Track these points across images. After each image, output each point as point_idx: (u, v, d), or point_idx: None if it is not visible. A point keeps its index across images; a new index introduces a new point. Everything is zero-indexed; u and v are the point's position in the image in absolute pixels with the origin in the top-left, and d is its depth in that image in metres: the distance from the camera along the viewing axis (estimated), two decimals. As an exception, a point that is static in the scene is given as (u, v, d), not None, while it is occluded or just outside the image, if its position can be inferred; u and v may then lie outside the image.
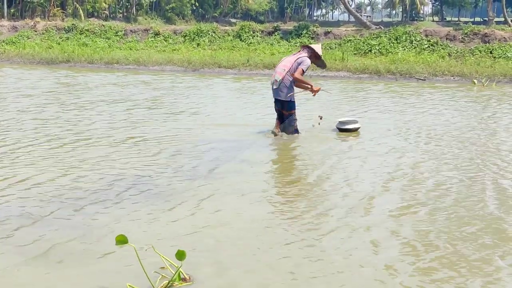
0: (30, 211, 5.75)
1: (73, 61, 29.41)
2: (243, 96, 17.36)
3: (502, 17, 46.72)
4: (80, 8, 63.46)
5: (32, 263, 4.53)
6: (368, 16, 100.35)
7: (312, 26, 34.30)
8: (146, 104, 14.44)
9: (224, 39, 34.46)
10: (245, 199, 6.45)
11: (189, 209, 5.98)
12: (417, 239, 5.18)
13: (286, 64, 10.23)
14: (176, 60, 28.39)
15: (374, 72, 24.60)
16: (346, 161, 8.48)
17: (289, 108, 10.20)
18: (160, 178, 7.21)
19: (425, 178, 7.45)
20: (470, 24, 34.14)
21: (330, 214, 5.92)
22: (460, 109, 14.54)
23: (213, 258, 4.69)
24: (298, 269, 4.53)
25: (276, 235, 5.27)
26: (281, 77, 10.10)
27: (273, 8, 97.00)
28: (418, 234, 5.32)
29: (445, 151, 9.13)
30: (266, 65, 26.33)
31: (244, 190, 6.81)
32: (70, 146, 9.03)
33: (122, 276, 4.29)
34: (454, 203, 6.34)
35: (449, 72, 24.04)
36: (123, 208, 5.96)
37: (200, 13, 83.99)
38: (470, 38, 29.18)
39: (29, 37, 37.13)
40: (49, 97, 15.36)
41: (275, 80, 10.22)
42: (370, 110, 14.04)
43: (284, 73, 10.11)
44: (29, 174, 7.18)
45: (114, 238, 4.12)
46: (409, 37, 30.07)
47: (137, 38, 35.89)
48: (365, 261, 4.69)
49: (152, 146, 9.24)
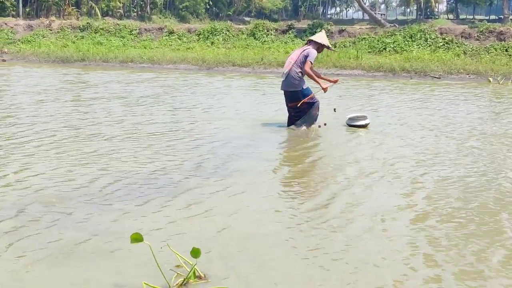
0: (44, 210, 5.76)
1: (88, 60, 29.54)
2: (256, 93, 17.34)
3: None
4: (96, 7, 63.74)
5: (47, 262, 4.54)
6: (382, 14, 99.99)
7: (326, 24, 34.24)
8: (159, 100, 14.46)
9: (238, 37, 34.47)
10: (262, 196, 6.42)
11: (204, 206, 5.96)
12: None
13: (293, 57, 10.50)
14: (190, 58, 28.44)
15: (389, 70, 24.53)
16: (365, 156, 8.46)
17: (303, 95, 10.37)
18: (175, 175, 7.21)
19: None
20: (485, 22, 33.86)
21: (354, 213, 5.90)
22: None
23: (229, 256, 4.68)
24: (316, 268, 4.52)
25: (294, 234, 5.24)
26: (287, 69, 10.38)
27: (287, 6, 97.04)
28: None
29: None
30: (280, 63, 26.27)
31: (261, 187, 6.81)
32: (84, 142, 9.04)
33: (138, 274, 4.30)
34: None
35: (464, 70, 23.93)
36: (138, 205, 5.96)
37: (214, 11, 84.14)
38: (486, 36, 29.00)
39: (44, 36, 37.30)
40: (65, 93, 15.43)
41: (283, 73, 10.55)
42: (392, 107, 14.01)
43: (290, 65, 10.37)
44: (41, 172, 7.19)
45: (129, 236, 4.13)
46: (424, 35, 29.93)
47: (152, 36, 35.98)
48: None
49: (166, 142, 9.25)
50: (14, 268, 4.40)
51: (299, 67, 10.29)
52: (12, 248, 4.78)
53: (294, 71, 10.32)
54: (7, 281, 4.22)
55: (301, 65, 10.28)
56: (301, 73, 10.31)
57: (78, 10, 63.98)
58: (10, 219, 5.45)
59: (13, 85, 18.42)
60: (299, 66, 10.29)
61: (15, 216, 5.54)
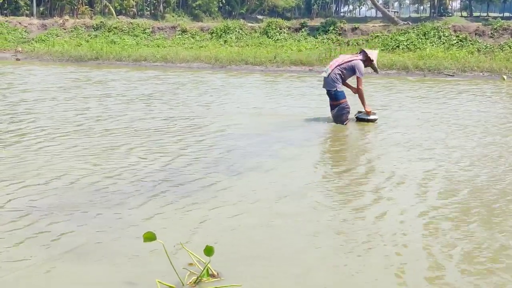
0: (57, 207, 5.79)
1: (102, 59, 29.64)
2: (270, 90, 17.34)
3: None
4: (110, 6, 63.99)
5: (60, 259, 4.57)
6: (395, 12, 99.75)
7: (339, 22, 34.13)
8: (174, 97, 14.50)
9: (251, 35, 34.47)
10: (277, 195, 6.39)
11: (218, 204, 5.97)
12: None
13: (339, 60, 11.13)
14: (204, 57, 28.48)
15: (402, 68, 24.44)
16: (385, 154, 8.47)
17: (336, 98, 10.91)
18: (189, 172, 7.22)
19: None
20: (499, 19, 33.65)
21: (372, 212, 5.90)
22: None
23: (243, 254, 4.69)
24: (336, 269, 4.52)
25: (312, 234, 5.23)
26: (330, 70, 10.94)
27: (300, 4, 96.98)
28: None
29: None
30: (293, 61, 26.32)
31: (275, 185, 6.80)
32: (96, 138, 9.06)
33: (151, 272, 4.32)
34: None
35: (478, 68, 23.79)
36: (151, 203, 5.98)
37: (227, 10, 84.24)
38: (500, 34, 28.82)
39: (58, 35, 37.46)
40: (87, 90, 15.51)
41: (324, 72, 11.13)
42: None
43: (333, 66, 10.96)
44: (52, 169, 7.23)
45: (142, 235, 4.15)
46: (438, 33, 29.78)
47: (165, 35, 36.04)
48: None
49: (180, 138, 9.28)
50: (27, 266, 4.44)
51: (340, 71, 10.88)
52: (24, 247, 4.82)
53: (334, 73, 10.88)
54: (20, 279, 4.25)
55: (343, 71, 10.88)
56: (340, 76, 10.88)
57: (92, 9, 64.24)
58: (23, 217, 5.49)
59: (15, 84, 18.51)
60: (340, 70, 10.89)
61: (26, 214, 5.57)
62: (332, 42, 31.86)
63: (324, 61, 25.50)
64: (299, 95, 16.37)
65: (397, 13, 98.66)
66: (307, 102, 14.56)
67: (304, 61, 26.19)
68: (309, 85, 19.08)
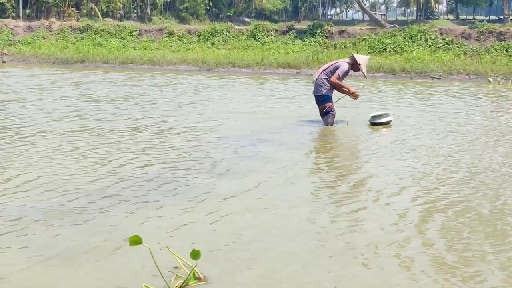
0: (44, 210, 5.75)
1: (88, 61, 29.56)
2: (258, 92, 17.33)
3: (518, 15, 46.43)
4: (96, 9, 63.77)
5: (47, 262, 4.54)
6: (382, 15, 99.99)
7: (326, 25, 34.26)
8: (162, 99, 14.46)
9: (238, 38, 34.52)
10: (263, 198, 6.37)
11: (205, 207, 5.95)
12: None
13: (325, 65, 11.40)
14: (191, 59, 28.48)
15: (389, 71, 24.53)
16: (374, 156, 8.48)
17: (323, 101, 11.08)
18: (177, 175, 7.19)
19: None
20: (485, 22, 33.85)
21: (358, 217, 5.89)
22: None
23: (229, 258, 4.67)
24: (325, 274, 4.51)
25: (300, 237, 5.21)
26: (317, 75, 11.18)
27: (287, 7, 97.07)
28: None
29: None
30: (280, 64, 26.36)
31: (262, 189, 6.77)
32: (86, 140, 9.02)
33: (137, 276, 4.29)
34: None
35: (465, 71, 23.92)
36: (138, 206, 5.95)
37: (214, 12, 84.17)
38: (486, 37, 29.02)
39: (44, 37, 37.35)
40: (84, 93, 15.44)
41: (313, 78, 11.33)
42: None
43: (320, 71, 11.19)
44: (38, 173, 7.18)
45: (128, 238, 4.12)
46: (424, 36, 29.96)
47: (152, 38, 36.02)
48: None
49: (168, 140, 9.26)
50: (12, 273, 4.40)
51: (326, 75, 11.04)
52: (9, 252, 4.77)
53: (320, 79, 11.08)
54: (5, 284, 4.21)
55: (329, 74, 11.03)
56: (326, 80, 11.03)
57: (78, 12, 63.99)
58: (12, 220, 5.44)
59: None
60: (326, 74, 11.05)
61: (16, 218, 5.53)
62: (319, 44, 31.96)
63: (311, 64, 25.61)
64: (287, 97, 16.38)
65: (384, 16, 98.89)
66: (295, 105, 14.59)
67: (291, 64, 26.24)
68: (296, 88, 19.13)
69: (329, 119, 11.00)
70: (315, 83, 11.16)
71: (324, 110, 11.07)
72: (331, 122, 11.00)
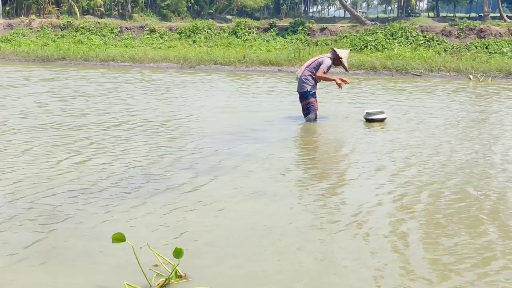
0: (23, 209, 5.71)
1: (69, 59, 29.34)
2: (240, 89, 17.33)
3: (498, 12, 46.86)
4: (75, 6, 63.34)
5: (25, 262, 4.51)
6: (363, 12, 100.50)
7: (308, 23, 34.33)
8: (141, 95, 14.41)
9: (220, 35, 34.48)
10: (247, 196, 6.36)
11: (185, 205, 5.93)
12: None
13: (308, 62, 11.42)
14: (172, 57, 28.37)
15: (370, 68, 24.59)
16: (357, 156, 8.51)
17: (305, 98, 11.11)
18: (159, 173, 7.18)
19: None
20: (466, 19, 34.09)
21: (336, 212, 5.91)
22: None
23: (210, 255, 4.66)
24: (305, 269, 4.52)
25: (281, 232, 5.21)
26: (300, 72, 11.21)
27: (269, 4, 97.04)
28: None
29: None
30: (262, 61, 26.33)
31: (242, 185, 6.79)
32: (67, 139, 8.96)
33: (119, 274, 4.27)
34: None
35: (445, 68, 24.03)
36: (120, 203, 5.93)
37: (195, 10, 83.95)
38: (466, 34, 29.23)
39: (25, 34, 37.06)
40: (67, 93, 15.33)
41: (296, 76, 11.38)
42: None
43: (303, 68, 11.21)
44: (17, 173, 7.13)
45: (111, 236, 4.11)
46: (405, 33, 30.12)
47: (133, 35, 35.86)
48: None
49: (151, 138, 9.23)
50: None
51: (310, 71, 11.07)
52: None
53: (304, 75, 11.09)
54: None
55: (313, 70, 11.05)
56: (310, 76, 11.05)
57: (59, 9, 63.49)
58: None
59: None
60: (310, 70, 11.07)
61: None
62: (301, 42, 32.01)
63: (293, 61, 25.61)
64: (268, 94, 16.43)
65: (365, 14, 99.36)
66: (276, 101, 14.63)
67: (273, 61, 26.23)
68: (278, 85, 19.13)
69: (310, 115, 11.05)
70: (298, 80, 11.16)
71: (306, 107, 11.10)
72: (312, 118, 11.04)
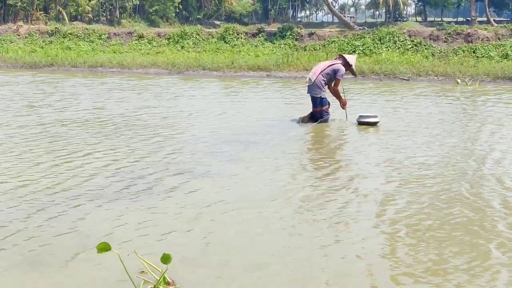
0: (9, 216, 5.67)
1: (57, 65, 29.24)
2: (228, 94, 17.33)
3: (485, 16, 47.15)
4: (63, 12, 63.19)
5: (13, 268, 4.48)
6: (351, 17, 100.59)
7: (296, 28, 34.39)
8: (129, 101, 14.38)
9: (208, 41, 34.48)
10: (237, 201, 6.34)
11: (174, 210, 5.92)
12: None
13: (321, 67, 11.69)
14: (160, 62, 28.33)
15: (358, 72, 24.57)
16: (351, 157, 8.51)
17: (320, 104, 11.50)
18: (144, 177, 7.16)
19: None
20: (453, 24, 34.26)
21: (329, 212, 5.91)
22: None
23: (197, 261, 4.65)
24: (286, 272, 4.51)
25: (270, 239, 5.22)
26: (315, 77, 11.46)
27: (257, 9, 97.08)
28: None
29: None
30: (250, 66, 26.32)
31: (233, 190, 6.78)
32: (53, 143, 8.92)
33: (106, 281, 4.26)
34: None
35: (433, 72, 24.09)
36: (108, 207, 5.91)
37: (184, 15, 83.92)
38: (453, 38, 29.35)
39: (12, 41, 36.94)
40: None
41: (309, 79, 11.60)
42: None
43: (317, 73, 11.48)
44: (5, 178, 7.09)
45: (97, 242, 4.08)
46: (393, 38, 30.21)
47: (121, 41, 35.80)
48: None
49: (139, 141, 9.21)
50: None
51: (324, 77, 11.44)
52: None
53: (319, 80, 11.42)
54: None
55: (327, 77, 11.47)
56: (324, 82, 11.46)
57: (46, 15, 63.32)
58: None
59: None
60: (324, 76, 11.44)
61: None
62: (289, 47, 32.05)
63: (282, 66, 25.63)
64: (257, 99, 16.41)
65: (353, 18, 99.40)
66: (268, 106, 14.64)
67: (261, 66, 26.22)
68: (267, 90, 19.14)
69: (324, 117, 11.47)
70: (312, 83, 11.46)
71: (320, 113, 11.49)
72: (325, 120, 11.51)
